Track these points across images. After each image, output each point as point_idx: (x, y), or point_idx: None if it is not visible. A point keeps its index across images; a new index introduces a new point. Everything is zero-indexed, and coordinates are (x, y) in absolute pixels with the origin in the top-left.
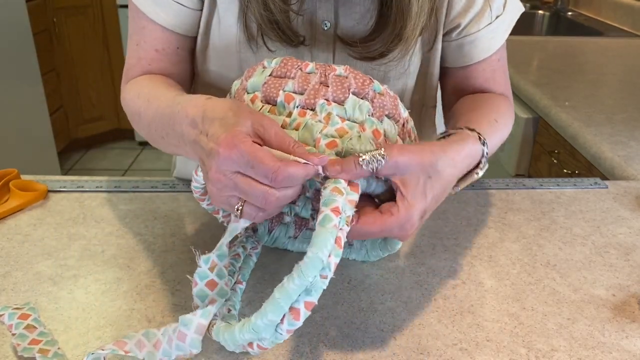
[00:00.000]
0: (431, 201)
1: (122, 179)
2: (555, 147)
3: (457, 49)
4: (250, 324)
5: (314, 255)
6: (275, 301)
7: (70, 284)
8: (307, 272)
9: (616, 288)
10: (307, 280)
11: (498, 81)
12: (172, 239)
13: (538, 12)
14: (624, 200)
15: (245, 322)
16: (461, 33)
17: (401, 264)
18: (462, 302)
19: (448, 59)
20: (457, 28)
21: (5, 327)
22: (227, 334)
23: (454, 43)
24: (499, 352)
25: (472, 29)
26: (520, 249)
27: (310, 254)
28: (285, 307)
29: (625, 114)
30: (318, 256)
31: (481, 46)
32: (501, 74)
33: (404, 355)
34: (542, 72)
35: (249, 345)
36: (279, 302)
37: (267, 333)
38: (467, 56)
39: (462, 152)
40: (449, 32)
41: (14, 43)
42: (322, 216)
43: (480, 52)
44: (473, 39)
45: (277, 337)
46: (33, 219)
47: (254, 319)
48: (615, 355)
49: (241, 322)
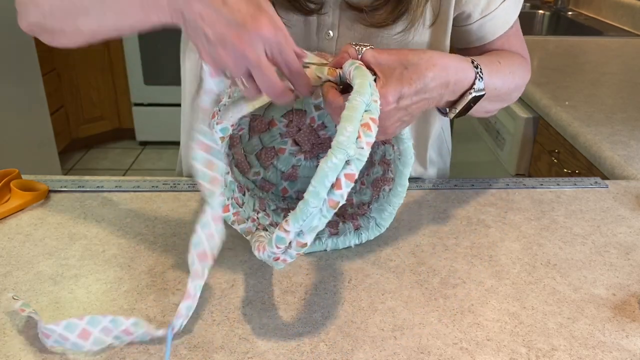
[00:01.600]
0: (407, 88)
1: (123, 178)
2: (555, 146)
3: (479, 29)
4: (298, 212)
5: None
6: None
7: (71, 283)
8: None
9: (616, 287)
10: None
11: (513, 44)
12: (173, 239)
13: (538, 12)
14: (624, 199)
15: (291, 215)
16: (482, 12)
17: (401, 264)
18: (462, 302)
19: (470, 39)
20: (476, 9)
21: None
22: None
23: (476, 24)
24: (499, 352)
25: (491, 7)
26: (520, 249)
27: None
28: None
29: (625, 113)
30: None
31: (500, 22)
32: (516, 39)
33: (404, 354)
34: (542, 72)
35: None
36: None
37: (314, 219)
38: (488, 33)
39: (446, 57)
40: (468, 14)
41: (15, 43)
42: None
43: (499, 29)
44: (492, 17)
45: (321, 221)
46: (34, 219)
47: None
48: (615, 354)
49: (284, 220)
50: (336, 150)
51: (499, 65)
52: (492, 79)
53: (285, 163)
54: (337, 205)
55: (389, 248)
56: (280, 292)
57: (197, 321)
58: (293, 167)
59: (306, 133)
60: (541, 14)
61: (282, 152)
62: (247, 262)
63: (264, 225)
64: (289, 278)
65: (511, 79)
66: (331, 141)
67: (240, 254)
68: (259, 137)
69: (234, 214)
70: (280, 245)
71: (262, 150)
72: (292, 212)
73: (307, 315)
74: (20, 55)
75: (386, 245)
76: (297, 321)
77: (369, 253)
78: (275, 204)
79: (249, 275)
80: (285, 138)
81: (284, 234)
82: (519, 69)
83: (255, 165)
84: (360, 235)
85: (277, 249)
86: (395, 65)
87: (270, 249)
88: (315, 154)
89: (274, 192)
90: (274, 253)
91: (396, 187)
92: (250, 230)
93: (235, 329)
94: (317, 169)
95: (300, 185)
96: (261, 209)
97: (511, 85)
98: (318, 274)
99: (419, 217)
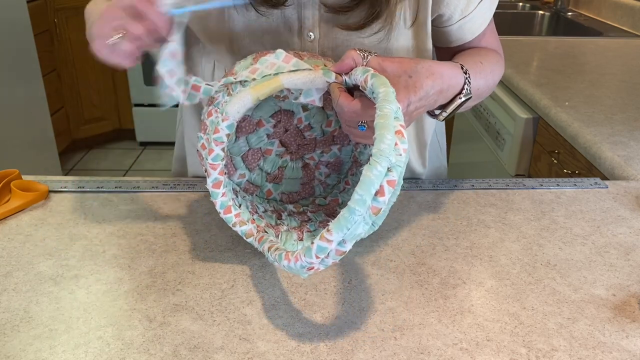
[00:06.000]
0: (414, 96)
1: (123, 179)
2: (555, 147)
3: (458, 30)
4: (339, 223)
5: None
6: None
7: (72, 284)
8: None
9: (616, 288)
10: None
11: (489, 41)
12: (173, 239)
13: (538, 12)
14: (624, 200)
15: (333, 224)
16: (462, 14)
17: (401, 264)
18: (462, 302)
19: (450, 40)
20: (456, 10)
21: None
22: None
23: (456, 25)
24: (499, 352)
25: (470, 8)
26: (520, 249)
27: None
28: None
29: (625, 114)
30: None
31: (478, 22)
32: (492, 35)
33: (404, 355)
34: (542, 72)
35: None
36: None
37: (359, 227)
38: (467, 34)
39: (441, 66)
40: (449, 17)
41: (15, 44)
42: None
43: (477, 28)
44: (471, 17)
45: (364, 229)
46: (34, 219)
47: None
48: (615, 355)
49: (323, 231)
50: (379, 158)
51: (481, 65)
52: (476, 81)
53: (271, 164)
54: (379, 212)
55: (389, 248)
56: (280, 293)
57: (197, 321)
58: (279, 168)
59: (293, 134)
60: (541, 15)
61: (268, 153)
62: (247, 263)
63: (263, 227)
64: (289, 278)
65: (491, 77)
66: (316, 142)
67: (240, 255)
68: (245, 139)
69: (235, 215)
70: (320, 255)
71: (249, 151)
72: (335, 221)
73: (307, 315)
74: (21, 55)
75: (386, 245)
76: (297, 321)
77: (369, 253)
78: (262, 206)
79: (249, 275)
80: (273, 139)
81: (326, 244)
82: (496, 67)
83: (240, 167)
84: None
85: (317, 259)
86: (400, 74)
87: (309, 259)
88: (300, 154)
89: (258, 195)
90: (310, 263)
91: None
92: (252, 233)
93: (235, 329)
94: (362, 177)
95: (284, 187)
96: (254, 211)
97: (491, 84)
98: (318, 274)
99: (419, 218)
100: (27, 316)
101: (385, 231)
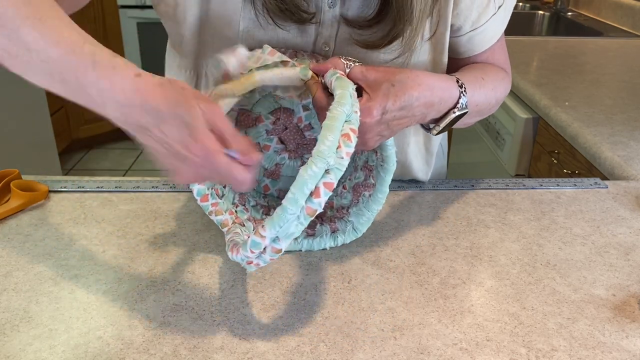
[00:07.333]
0: (392, 103)
1: (123, 179)
2: (555, 147)
3: (468, 42)
4: (276, 218)
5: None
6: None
7: (71, 284)
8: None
9: (616, 288)
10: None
11: (497, 58)
12: (173, 239)
13: (538, 12)
14: (624, 200)
15: (268, 220)
16: (473, 26)
17: (401, 264)
18: (462, 302)
19: (458, 51)
20: (467, 22)
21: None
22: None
23: (465, 37)
24: (499, 352)
25: (481, 20)
26: (520, 249)
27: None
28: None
29: (625, 114)
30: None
31: (489, 35)
32: (501, 52)
33: (404, 355)
34: (542, 72)
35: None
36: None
37: (291, 226)
38: (477, 46)
39: (432, 78)
40: (459, 27)
41: None
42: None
43: (487, 41)
44: (482, 30)
45: (298, 228)
46: (34, 219)
47: (279, 210)
48: (615, 355)
49: (261, 225)
50: (316, 159)
51: (483, 81)
52: (474, 96)
53: (269, 160)
54: (315, 213)
55: (389, 248)
56: (280, 293)
57: (197, 321)
58: (276, 165)
59: (292, 132)
60: (541, 15)
61: (266, 149)
62: None
63: (242, 220)
64: (289, 278)
65: (493, 94)
66: (316, 142)
67: None
68: (244, 132)
69: (212, 204)
70: (254, 249)
71: None
72: (269, 218)
73: (307, 315)
74: None
75: (386, 245)
76: (297, 321)
77: (369, 253)
78: (255, 200)
79: (249, 275)
80: (271, 135)
81: (259, 239)
82: (500, 84)
83: None
84: (337, 239)
85: (252, 253)
86: (382, 82)
87: (245, 252)
88: (299, 154)
89: (256, 189)
90: (247, 257)
91: (376, 193)
92: (227, 223)
93: (235, 329)
94: (297, 177)
95: (282, 184)
96: (240, 203)
97: (492, 101)
98: (318, 274)
99: (419, 218)
100: (27, 316)
101: (385, 231)
